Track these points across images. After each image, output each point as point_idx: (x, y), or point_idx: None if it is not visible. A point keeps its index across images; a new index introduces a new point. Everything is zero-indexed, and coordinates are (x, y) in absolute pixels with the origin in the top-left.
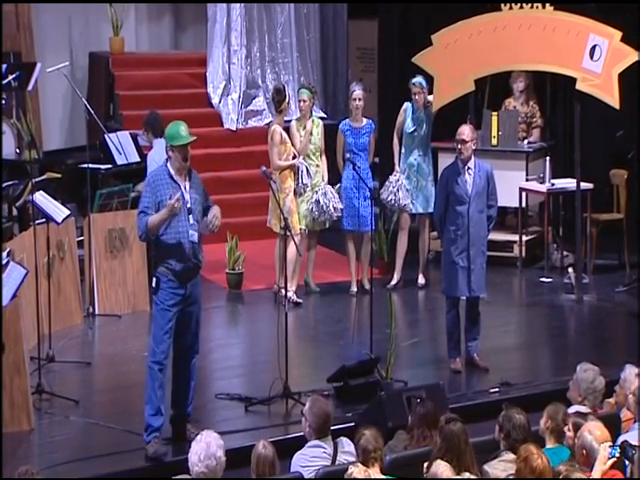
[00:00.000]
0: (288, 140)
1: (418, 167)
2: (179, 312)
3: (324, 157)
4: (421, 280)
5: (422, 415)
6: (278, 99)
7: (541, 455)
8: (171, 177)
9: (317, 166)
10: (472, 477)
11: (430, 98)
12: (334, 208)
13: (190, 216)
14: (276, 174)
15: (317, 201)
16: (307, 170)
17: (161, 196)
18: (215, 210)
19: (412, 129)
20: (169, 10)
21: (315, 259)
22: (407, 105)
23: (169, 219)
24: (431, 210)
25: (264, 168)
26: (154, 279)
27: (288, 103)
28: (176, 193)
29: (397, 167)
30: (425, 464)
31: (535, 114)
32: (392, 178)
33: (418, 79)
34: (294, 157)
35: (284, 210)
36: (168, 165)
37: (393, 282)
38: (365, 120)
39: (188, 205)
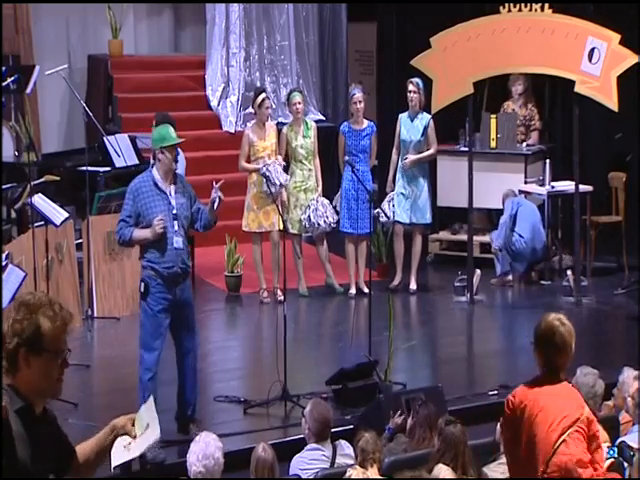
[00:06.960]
0: (261, 142)
1: (413, 176)
2: (171, 318)
3: (317, 160)
4: (413, 285)
5: (425, 416)
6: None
7: None
8: (156, 185)
9: (309, 170)
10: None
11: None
12: (326, 223)
13: (175, 222)
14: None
15: (308, 217)
16: (274, 172)
17: (143, 206)
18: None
19: (405, 137)
20: (168, 12)
21: (313, 262)
22: (401, 116)
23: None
24: (425, 221)
25: (263, 170)
26: (142, 284)
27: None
28: (161, 213)
29: (390, 184)
30: (427, 469)
31: (534, 117)
32: (388, 197)
33: (417, 79)
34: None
35: (245, 207)
36: (154, 171)
37: (395, 282)
38: (366, 122)
39: (174, 211)
